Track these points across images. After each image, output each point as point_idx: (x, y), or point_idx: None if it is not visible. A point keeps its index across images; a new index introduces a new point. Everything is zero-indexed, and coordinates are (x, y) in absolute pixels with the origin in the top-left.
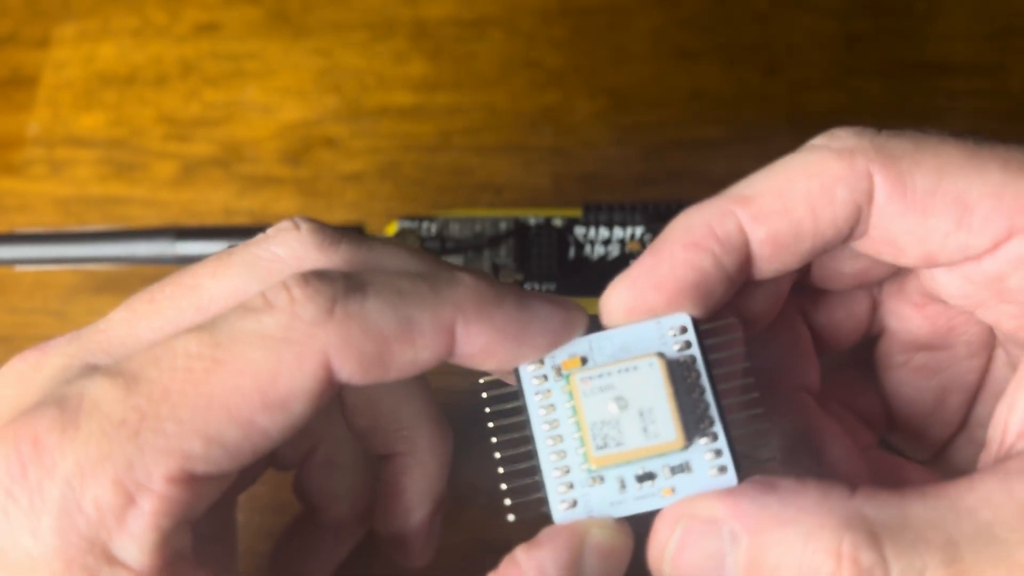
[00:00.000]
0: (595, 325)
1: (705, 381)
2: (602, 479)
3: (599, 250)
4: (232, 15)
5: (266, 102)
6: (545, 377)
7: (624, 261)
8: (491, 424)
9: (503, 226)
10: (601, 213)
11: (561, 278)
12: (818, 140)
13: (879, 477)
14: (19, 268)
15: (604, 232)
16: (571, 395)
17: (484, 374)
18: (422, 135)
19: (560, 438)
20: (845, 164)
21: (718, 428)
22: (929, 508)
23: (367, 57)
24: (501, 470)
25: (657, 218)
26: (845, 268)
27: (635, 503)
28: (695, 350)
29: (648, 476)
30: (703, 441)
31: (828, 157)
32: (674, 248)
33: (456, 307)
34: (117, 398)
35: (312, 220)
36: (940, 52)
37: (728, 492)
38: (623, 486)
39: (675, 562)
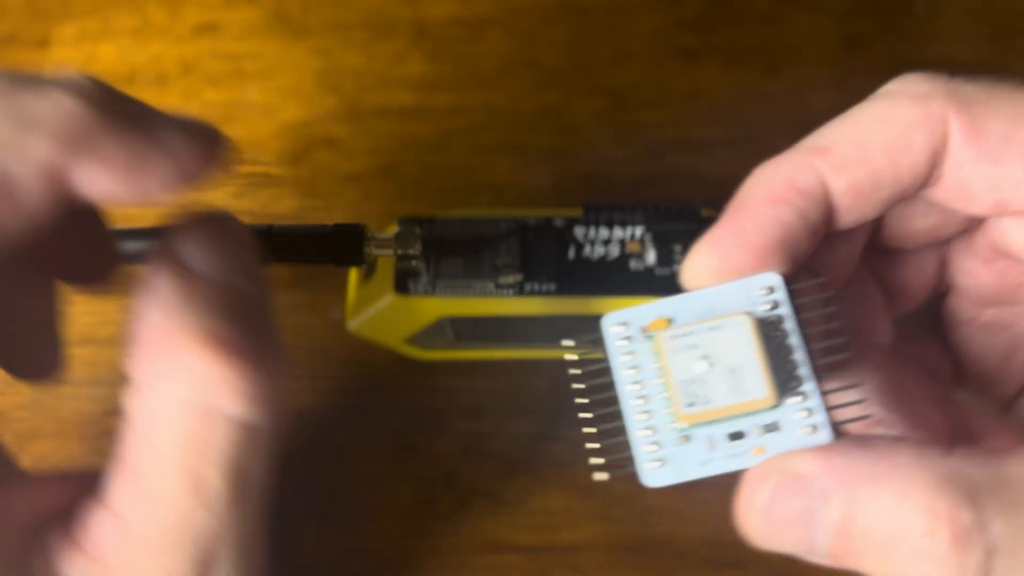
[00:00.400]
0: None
1: (795, 340)
2: (690, 438)
3: (599, 250)
4: (232, 15)
5: (266, 102)
6: (630, 339)
7: (624, 261)
8: (576, 385)
9: (503, 226)
10: (601, 213)
11: (561, 278)
12: (891, 86)
13: (956, 431)
14: None
15: (604, 232)
16: (657, 355)
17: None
18: (422, 135)
19: (647, 398)
20: (921, 110)
21: (810, 386)
22: None
23: (367, 57)
24: (588, 430)
25: (657, 218)
26: (916, 225)
27: (724, 462)
28: (784, 309)
29: (738, 435)
30: (794, 400)
31: (903, 103)
32: (756, 205)
33: (55, 140)
34: None
35: None
36: (940, 52)
37: (821, 449)
38: (712, 445)
39: (765, 519)
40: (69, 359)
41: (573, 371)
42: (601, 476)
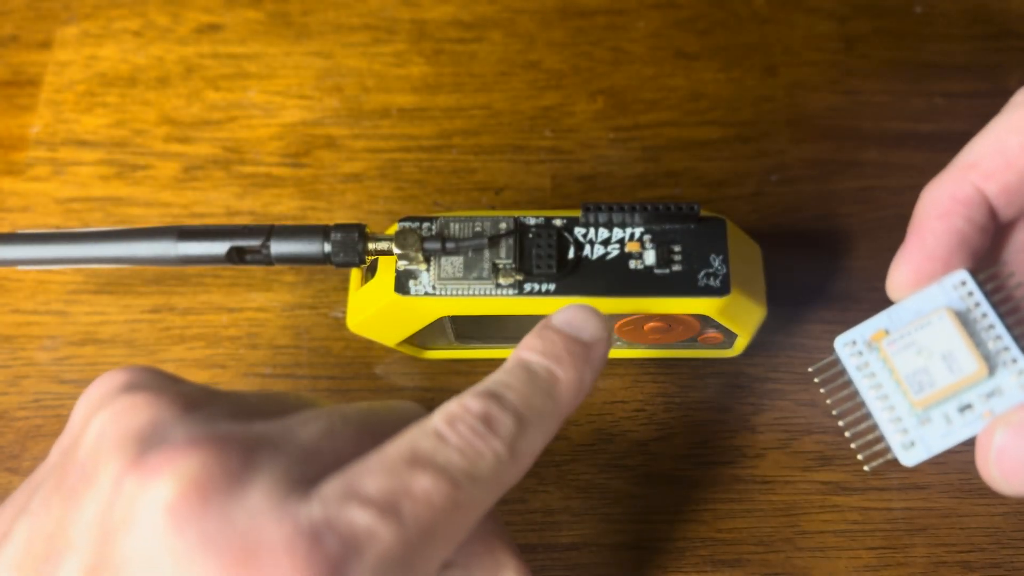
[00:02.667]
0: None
1: (994, 319)
2: (930, 419)
3: (599, 250)
4: (233, 17)
5: (267, 103)
6: (860, 352)
7: (624, 261)
8: (829, 400)
9: (503, 226)
10: (600, 213)
11: (560, 278)
12: (1019, 97)
13: None
14: (21, 268)
15: (604, 232)
16: (884, 359)
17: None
18: (422, 136)
19: (887, 396)
20: None
21: (1016, 353)
22: None
23: (367, 59)
24: (848, 434)
25: (656, 218)
26: None
27: (962, 430)
28: (978, 296)
29: (967, 406)
30: (1006, 368)
31: None
32: (930, 220)
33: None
34: (390, 533)
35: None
36: (938, 53)
37: None
38: (948, 420)
39: (999, 463)
40: (70, 359)
41: (822, 390)
42: (870, 466)
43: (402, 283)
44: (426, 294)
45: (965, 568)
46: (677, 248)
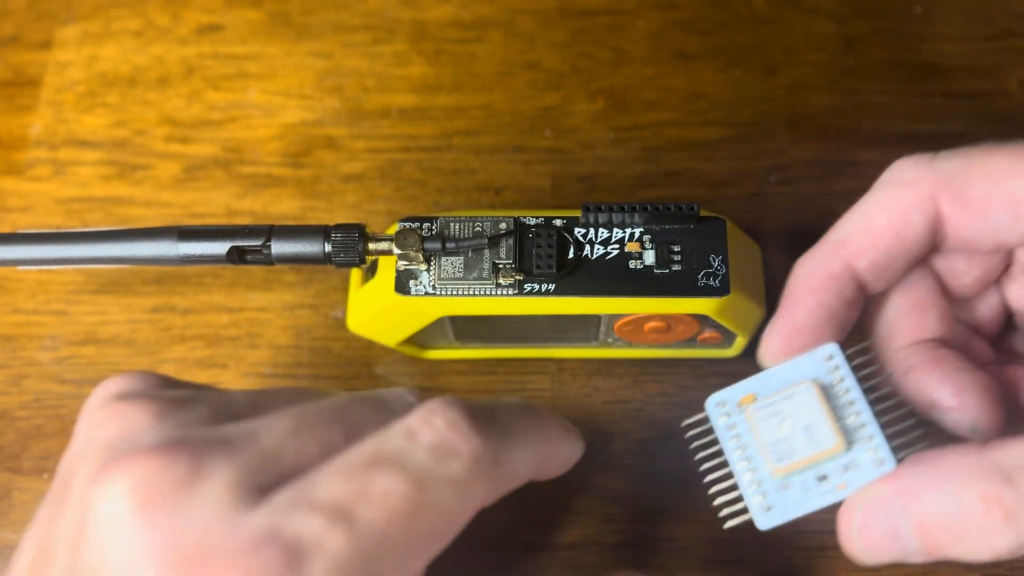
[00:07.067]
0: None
1: (856, 394)
2: (788, 485)
3: (598, 250)
4: (234, 17)
5: (267, 103)
6: (729, 413)
7: (624, 261)
8: (697, 457)
9: (503, 226)
10: (600, 213)
11: (560, 278)
12: (886, 176)
13: (1007, 393)
14: (22, 268)
15: (603, 232)
16: (750, 425)
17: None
18: (422, 136)
19: (750, 459)
20: (912, 193)
21: (873, 430)
22: None
23: (368, 59)
24: (711, 491)
25: (656, 219)
26: (966, 279)
27: (818, 499)
28: (844, 370)
29: (823, 477)
30: (863, 443)
31: (898, 190)
32: (802, 294)
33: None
34: (339, 541)
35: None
36: (938, 53)
37: (890, 475)
38: (806, 488)
39: (861, 538)
40: (70, 359)
41: (692, 446)
42: (729, 524)
43: (402, 283)
44: (426, 294)
45: (965, 568)
46: (677, 248)
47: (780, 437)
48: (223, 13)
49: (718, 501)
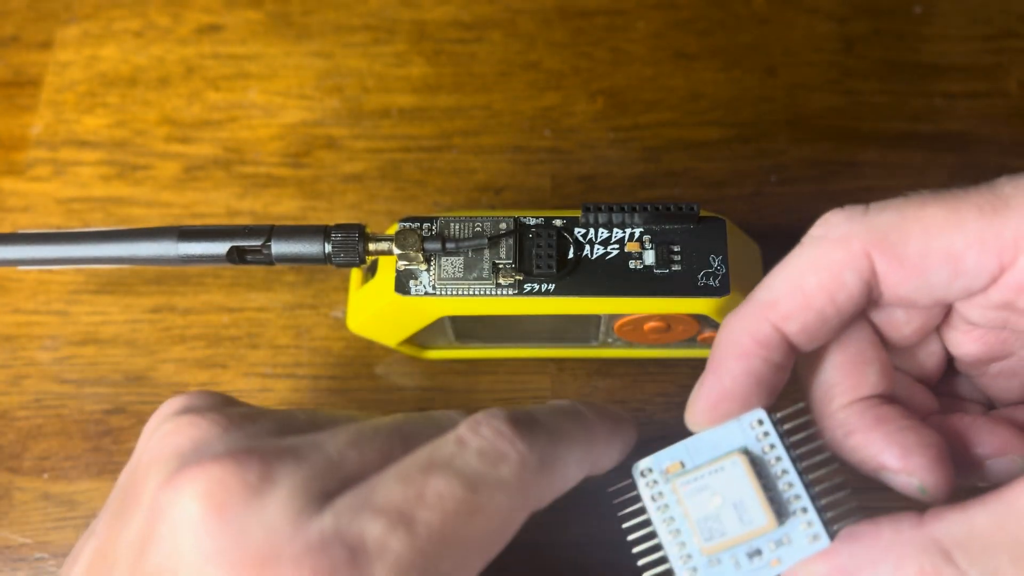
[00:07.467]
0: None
1: (787, 463)
2: (720, 561)
3: (598, 250)
4: (234, 17)
5: (268, 103)
6: (656, 482)
7: (624, 261)
8: (624, 525)
9: (503, 226)
10: (600, 213)
11: (560, 278)
12: (816, 231)
13: (952, 443)
14: (22, 268)
15: (603, 232)
16: (678, 498)
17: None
18: (422, 136)
19: (679, 531)
20: (844, 251)
21: (806, 502)
22: (991, 515)
23: (368, 59)
24: (640, 563)
25: (656, 219)
26: (904, 331)
27: (751, 575)
28: (773, 437)
29: (756, 552)
30: (796, 517)
31: (829, 248)
32: (728, 360)
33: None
34: (400, 542)
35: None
36: (937, 54)
37: (824, 552)
38: (737, 564)
39: None
40: (70, 359)
41: (620, 513)
42: None
43: (402, 283)
44: (426, 294)
45: None
46: (677, 248)
47: (709, 514)
48: (223, 13)
49: (647, 574)
